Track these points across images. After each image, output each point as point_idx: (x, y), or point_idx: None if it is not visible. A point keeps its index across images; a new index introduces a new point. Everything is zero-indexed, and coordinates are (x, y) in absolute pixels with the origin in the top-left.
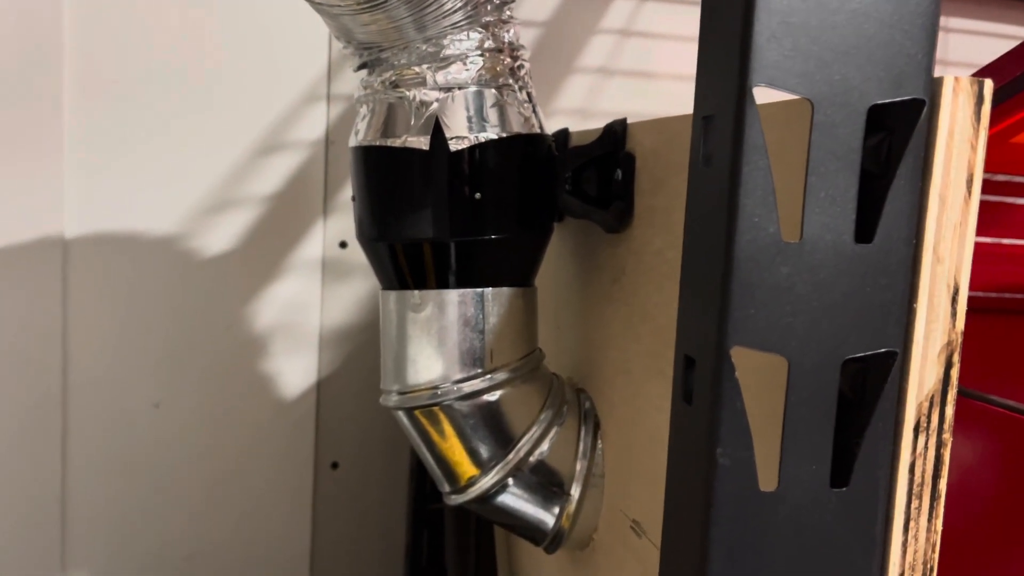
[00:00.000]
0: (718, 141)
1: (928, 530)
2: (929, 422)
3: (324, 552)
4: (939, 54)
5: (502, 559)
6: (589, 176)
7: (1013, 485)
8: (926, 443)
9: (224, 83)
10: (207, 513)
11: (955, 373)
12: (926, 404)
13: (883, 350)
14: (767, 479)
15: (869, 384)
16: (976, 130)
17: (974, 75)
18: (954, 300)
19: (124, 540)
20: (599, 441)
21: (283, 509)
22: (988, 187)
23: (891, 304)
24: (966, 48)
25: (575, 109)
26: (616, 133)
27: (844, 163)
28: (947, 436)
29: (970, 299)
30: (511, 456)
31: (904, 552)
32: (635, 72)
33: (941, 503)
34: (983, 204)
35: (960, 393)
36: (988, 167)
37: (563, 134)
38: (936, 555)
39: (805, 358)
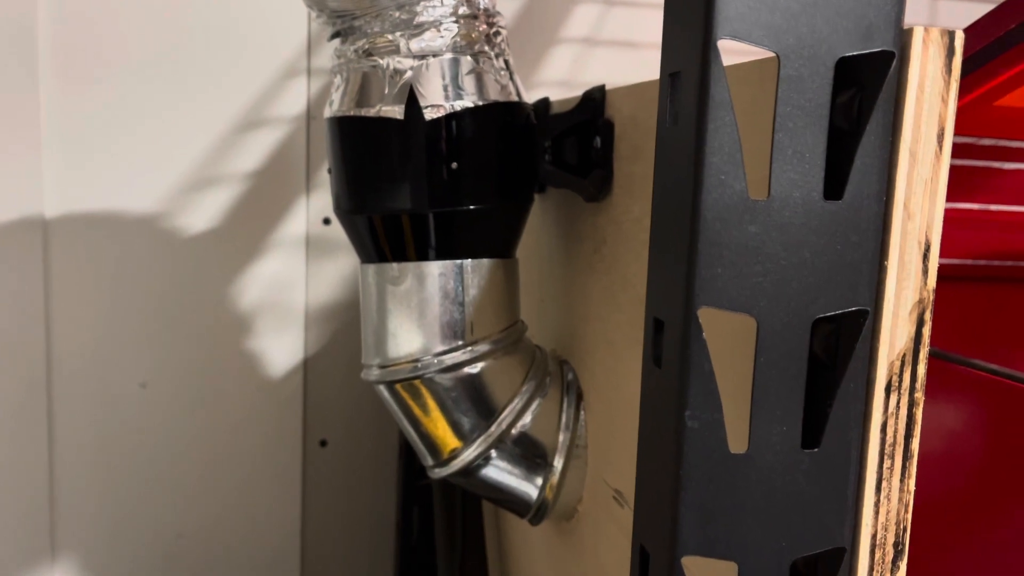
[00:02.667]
0: (684, 98)
1: (901, 490)
2: (901, 381)
3: (314, 530)
4: (928, 21)
5: (491, 533)
6: (569, 145)
7: (997, 449)
8: (898, 402)
9: (202, 60)
10: (197, 492)
11: (927, 331)
12: (897, 363)
13: (854, 309)
14: (737, 441)
15: (840, 344)
16: (947, 83)
17: None
18: (925, 257)
19: (114, 521)
20: (582, 412)
21: (272, 488)
22: (975, 152)
23: (861, 262)
24: (956, 17)
25: (559, 80)
26: (595, 100)
27: (812, 118)
28: (919, 395)
29: (959, 267)
30: (493, 428)
31: (877, 512)
32: (620, 41)
33: (914, 463)
34: (970, 169)
35: (944, 358)
36: (974, 131)
37: (544, 103)
38: (909, 515)
39: (775, 318)
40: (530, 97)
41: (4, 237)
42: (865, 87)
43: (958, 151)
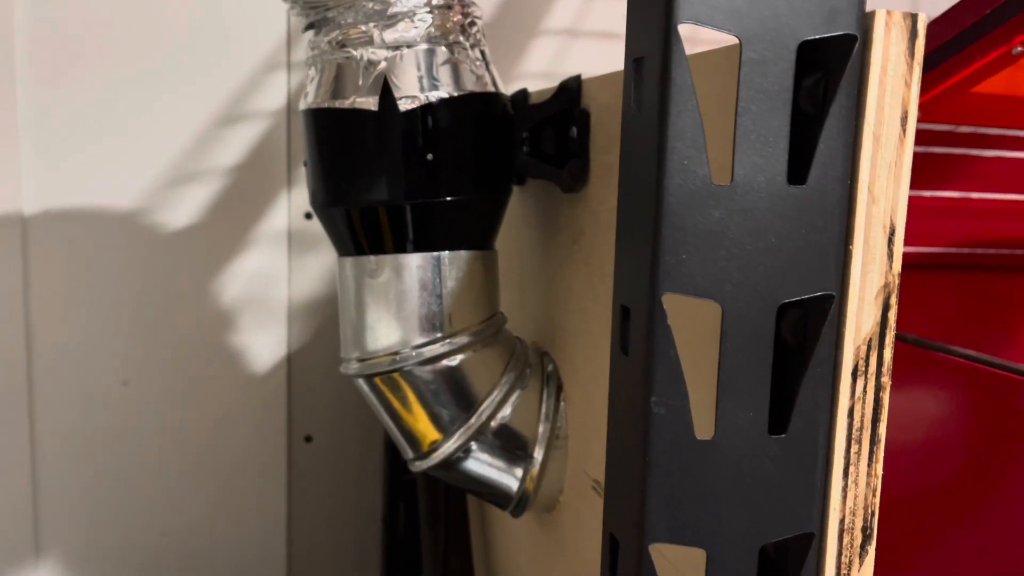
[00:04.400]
0: (647, 84)
1: (869, 475)
2: (867, 366)
3: (300, 526)
4: (910, 7)
5: (475, 526)
6: (546, 135)
7: (979, 436)
8: (864, 387)
9: (181, 55)
10: (181, 490)
11: (893, 316)
12: (864, 348)
13: (819, 294)
14: (704, 427)
15: (806, 329)
16: (910, 66)
17: (931, 24)
18: (890, 241)
19: (98, 519)
20: (562, 403)
21: (257, 484)
22: (953, 139)
23: (827, 246)
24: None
25: (541, 72)
26: (570, 90)
27: (775, 102)
28: (886, 380)
29: (940, 255)
30: (473, 420)
31: (844, 497)
32: (602, 33)
33: (881, 447)
34: (949, 157)
35: (923, 345)
36: (952, 119)
37: (522, 94)
38: (877, 500)
39: (740, 303)
40: (512, 88)
41: None
42: (830, 71)
43: (936, 139)
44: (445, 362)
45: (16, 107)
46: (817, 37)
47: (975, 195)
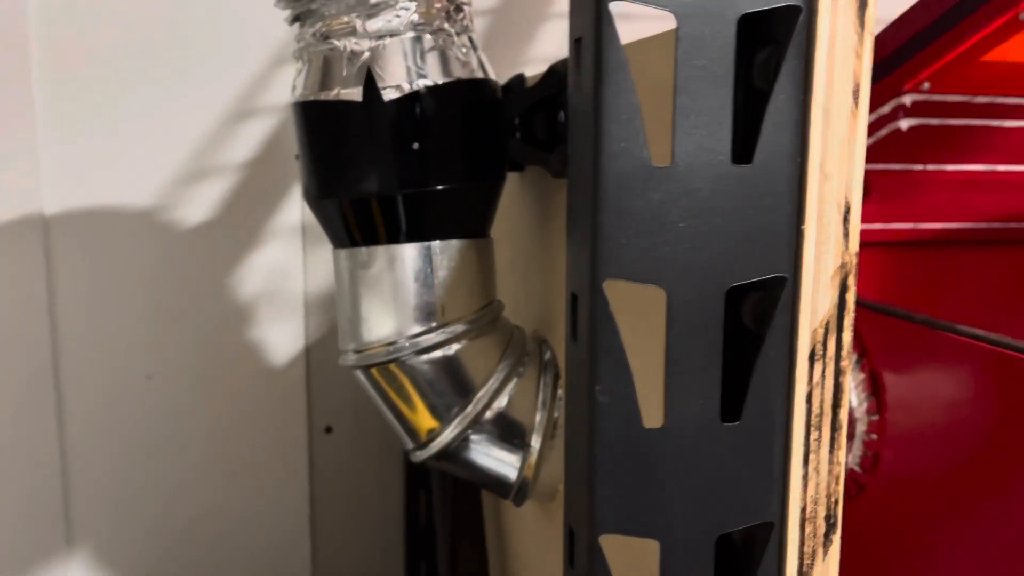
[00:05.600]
0: (584, 65)
1: (831, 462)
2: (825, 350)
3: (323, 515)
4: None
5: (489, 514)
6: (538, 120)
7: (988, 419)
8: (823, 371)
9: (194, 50)
10: (206, 479)
11: (851, 297)
12: (821, 331)
13: (771, 276)
14: (654, 416)
15: (760, 312)
16: (860, 37)
17: None
18: (846, 220)
19: (127, 509)
20: (559, 391)
21: (280, 474)
22: (971, 110)
23: (777, 227)
24: None
25: (552, 56)
26: (558, 74)
27: (715, 79)
28: (845, 364)
29: (971, 231)
30: (470, 409)
31: (805, 486)
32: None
33: (843, 434)
34: (969, 129)
35: (932, 324)
36: (964, 89)
37: (518, 79)
38: (840, 488)
39: (686, 288)
40: (526, 72)
41: (4, 236)
42: (779, 44)
43: (952, 111)
44: (441, 351)
45: (34, 108)
46: (758, 9)
47: (1001, 168)
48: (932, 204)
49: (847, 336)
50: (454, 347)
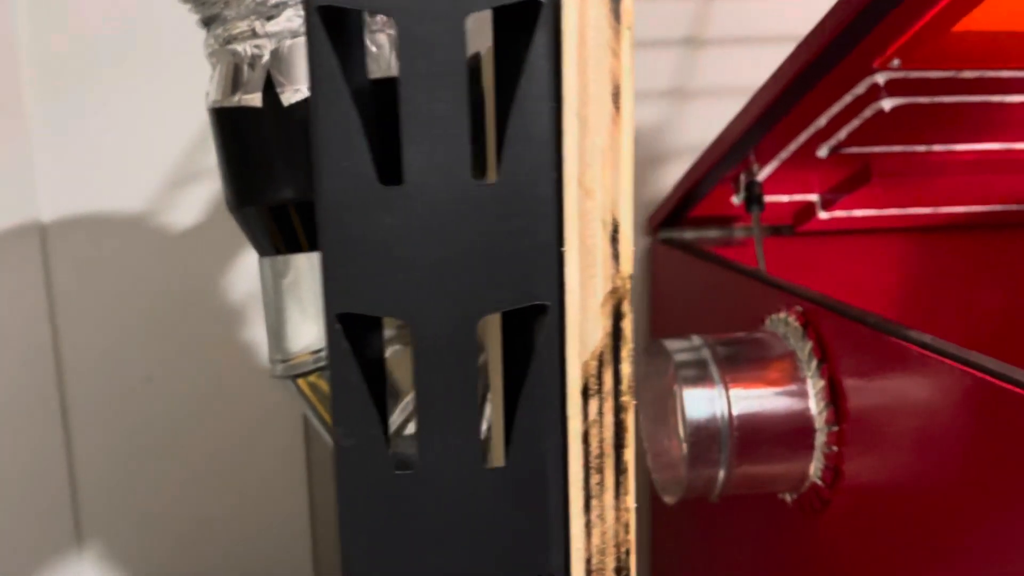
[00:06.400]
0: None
1: (617, 508)
2: (601, 384)
3: (324, 510)
4: None
5: None
6: None
7: (953, 432)
8: (600, 408)
9: (187, 54)
10: (212, 479)
11: (627, 325)
12: (594, 364)
13: (529, 304)
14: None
15: (527, 344)
16: (617, 31)
17: None
18: (614, 240)
19: (133, 509)
20: (488, 395)
21: (280, 473)
22: (961, 86)
23: (533, 250)
24: None
25: None
26: (471, 70)
27: (446, 86)
28: (627, 399)
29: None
30: (395, 416)
31: (589, 535)
32: None
33: (630, 477)
34: (963, 106)
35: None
36: (945, 64)
37: None
38: (631, 536)
39: (432, 320)
40: None
41: (2, 245)
42: (523, 44)
43: (940, 87)
44: None
45: (26, 114)
46: (495, 6)
47: (1018, 146)
48: (942, 187)
49: (626, 368)
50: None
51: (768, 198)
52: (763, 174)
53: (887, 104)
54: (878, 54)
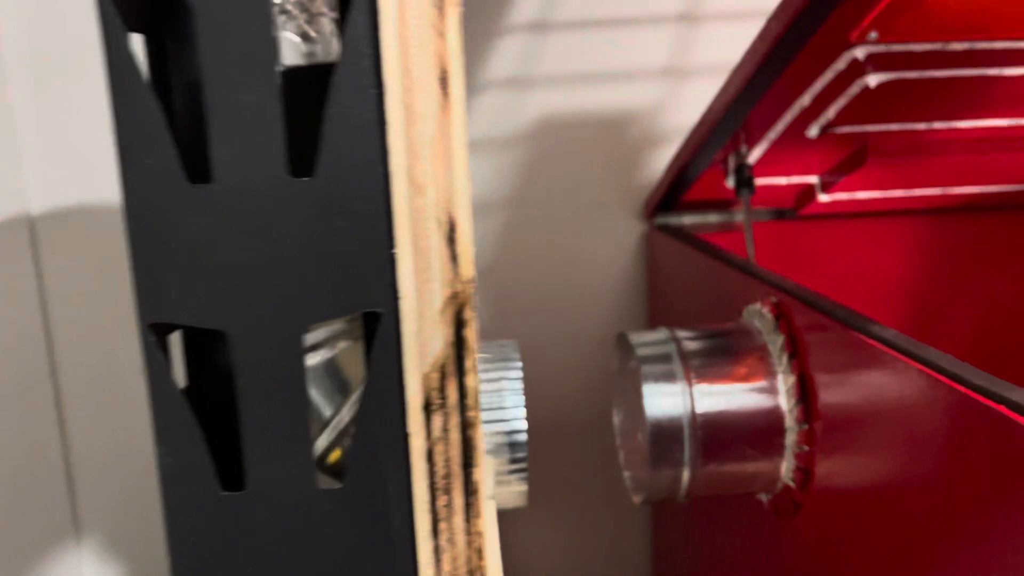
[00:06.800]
0: None
1: (468, 532)
2: (444, 398)
3: None
4: None
5: None
6: None
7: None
8: (444, 424)
9: None
10: None
11: (471, 333)
12: (435, 376)
13: (361, 312)
14: (238, 479)
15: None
16: (441, 9)
17: None
18: (451, 240)
19: (131, 505)
20: None
21: None
22: (953, 59)
23: (359, 253)
24: None
25: (505, 79)
26: None
27: (251, 71)
28: (473, 414)
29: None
30: (344, 413)
31: (438, 560)
32: (578, 22)
33: (480, 498)
34: (958, 81)
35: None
36: (928, 35)
37: None
38: (485, 562)
39: (252, 330)
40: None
41: None
42: (338, 25)
43: (928, 61)
44: (322, 353)
45: (11, 107)
46: None
47: (999, 122)
48: (947, 166)
49: (471, 381)
50: (329, 351)
51: (765, 180)
52: (753, 156)
53: (872, 80)
54: (853, 27)
